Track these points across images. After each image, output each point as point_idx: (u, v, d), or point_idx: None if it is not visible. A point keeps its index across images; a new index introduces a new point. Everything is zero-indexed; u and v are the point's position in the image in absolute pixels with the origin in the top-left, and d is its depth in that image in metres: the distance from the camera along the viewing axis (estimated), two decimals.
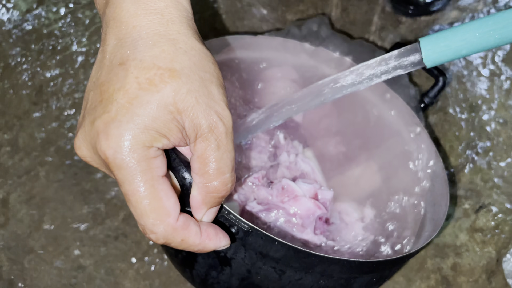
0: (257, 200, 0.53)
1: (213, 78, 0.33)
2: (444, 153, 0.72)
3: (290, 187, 0.53)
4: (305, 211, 0.52)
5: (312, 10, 0.82)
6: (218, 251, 0.44)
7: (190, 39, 0.33)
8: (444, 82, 0.61)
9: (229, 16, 0.82)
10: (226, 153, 0.32)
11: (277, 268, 0.44)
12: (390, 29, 0.80)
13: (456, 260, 0.66)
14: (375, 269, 0.47)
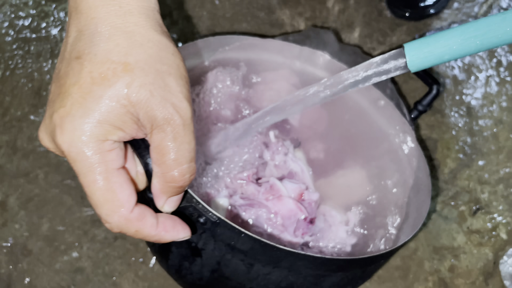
0: (243, 195, 0.53)
1: (171, 70, 0.33)
2: (441, 156, 0.72)
3: (276, 186, 0.53)
4: (287, 212, 0.53)
5: (310, 13, 0.83)
6: (189, 242, 0.44)
7: (148, 31, 0.33)
8: (437, 90, 0.61)
9: (227, 18, 0.82)
10: (184, 144, 0.33)
11: (245, 261, 0.44)
12: (387, 32, 0.81)
13: (453, 262, 0.67)
14: (343, 268, 0.47)
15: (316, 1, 0.84)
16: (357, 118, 0.65)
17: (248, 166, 0.57)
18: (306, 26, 0.81)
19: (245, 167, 0.56)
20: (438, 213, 0.69)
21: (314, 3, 0.84)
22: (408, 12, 0.80)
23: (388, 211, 0.58)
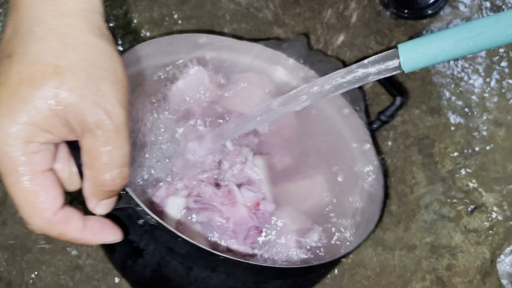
0: (199, 197, 0.54)
1: (106, 74, 0.32)
2: (439, 155, 0.73)
3: (233, 192, 0.54)
4: (239, 219, 0.53)
5: (309, 13, 0.83)
6: (131, 241, 0.45)
7: (85, 33, 0.32)
8: (401, 102, 0.61)
9: (226, 18, 0.82)
10: (116, 149, 0.32)
11: (184, 263, 0.45)
12: (386, 32, 0.81)
13: (451, 261, 0.67)
14: (281, 275, 0.48)
15: (315, 2, 0.84)
16: (321, 126, 0.65)
17: (208, 168, 0.57)
18: (304, 27, 0.82)
19: (206, 169, 0.57)
20: (436, 212, 0.69)
21: (313, 4, 0.84)
22: (406, 13, 0.80)
23: (343, 220, 0.59)
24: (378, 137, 0.73)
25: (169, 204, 0.52)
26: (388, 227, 0.69)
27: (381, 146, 0.73)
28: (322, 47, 0.80)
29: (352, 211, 0.59)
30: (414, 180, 0.71)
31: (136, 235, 0.45)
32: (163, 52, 0.63)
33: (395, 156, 0.73)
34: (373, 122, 0.64)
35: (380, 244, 0.68)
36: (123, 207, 0.40)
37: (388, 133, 0.74)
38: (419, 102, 0.76)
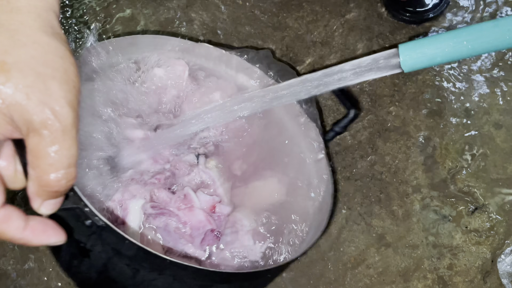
0: (154, 203, 0.54)
1: (56, 74, 0.31)
2: (441, 156, 0.74)
3: (190, 196, 0.54)
4: (196, 223, 0.54)
5: (312, 17, 0.84)
6: (78, 241, 0.45)
7: (36, 31, 0.32)
8: (355, 115, 0.62)
9: (231, 21, 0.84)
10: (62, 150, 0.32)
11: (131, 266, 0.45)
12: (387, 35, 0.82)
13: (452, 261, 0.68)
14: (227, 280, 0.49)
15: (317, 5, 0.85)
16: (278, 132, 0.66)
17: (160, 171, 0.58)
18: (307, 29, 0.83)
19: (158, 172, 0.57)
20: (437, 212, 0.70)
21: (315, 7, 0.85)
22: (408, 16, 0.82)
23: (295, 224, 0.60)
24: (382, 135, 0.75)
25: (130, 210, 0.53)
26: (390, 227, 0.70)
27: (382, 148, 0.74)
28: (325, 49, 0.81)
29: (303, 217, 0.60)
30: (415, 181, 0.72)
31: (83, 235, 0.45)
32: (126, 51, 0.64)
33: (396, 157, 0.74)
34: (327, 132, 0.65)
35: (382, 244, 0.69)
36: (70, 207, 0.40)
37: (389, 135, 0.75)
38: (421, 104, 0.77)
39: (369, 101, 0.77)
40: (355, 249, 0.68)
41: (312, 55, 0.81)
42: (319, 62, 0.80)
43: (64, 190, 0.34)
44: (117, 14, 0.83)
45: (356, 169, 0.73)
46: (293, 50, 0.82)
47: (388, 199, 0.71)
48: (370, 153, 0.74)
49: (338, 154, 0.74)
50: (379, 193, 0.72)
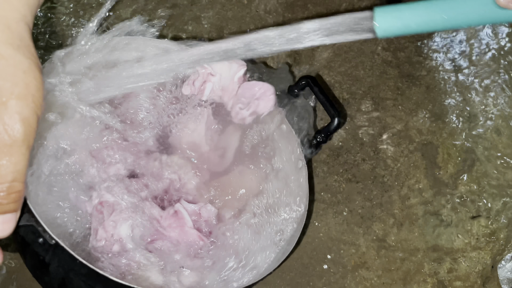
0: (147, 221, 0.54)
1: (15, 88, 0.31)
2: (442, 161, 0.74)
3: (181, 215, 0.54)
4: (189, 242, 0.54)
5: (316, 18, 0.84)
6: (38, 254, 0.46)
7: (0, 44, 0.31)
8: (338, 123, 0.60)
9: (236, 20, 0.83)
10: (8, 164, 0.32)
11: (87, 282, 0.46)
12: (392, 39, 0.82)
13: (452, 265, 0.68)
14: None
15: (322, 7, 0.85)
16: (260, 139, 0.65)
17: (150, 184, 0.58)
18: None
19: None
20: (438, 217, 0.70)
21: (320, 9, 0.85)
22: None
23: (275, 229, 0.60)
24: (385, 138, 0.75)
25: (120, 231, 0.53)
26: (391, 230, 0.69)
27: (384, 151, 0.74)
28: (329, 52, 0.81)
29: (277, 228, 0.60)
30: (417, 185, 0.72)
31: (41, 249, 0.46)
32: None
33: (398, 161, 0.74)
34: (311, 140, 0.63)
35: (382, 247, 0.68)
36: (23, 224, 0.41)
37: (391, 138, 0.75)
38: (423, 108, 0.77)
39: (372, 104, 0.77)
40: (355, 252, 0.68)
41: (316, 58, 0.81)
42: (323, 65, 0.80)
43: (13, 202, 0.33)
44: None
45: (357, 171, 0.73)
46: (297, 51, 0.81)
47: (389, 202, 0.71)
48: (372, 156, 0.74)
49: (340, 156, 0.74)
50: (380, 196, 0.71)
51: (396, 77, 0.80)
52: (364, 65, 0.81)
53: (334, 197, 0.71)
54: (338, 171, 0.73)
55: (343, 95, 0.78)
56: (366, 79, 0.79)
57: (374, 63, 0.81)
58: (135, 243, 0.52)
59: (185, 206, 0.55)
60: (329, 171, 0.73)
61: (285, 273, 0.67)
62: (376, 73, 0.80)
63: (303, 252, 0.68)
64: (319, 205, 0.71)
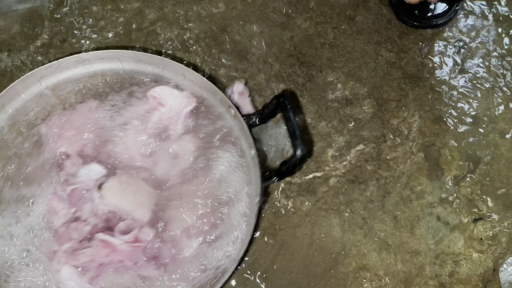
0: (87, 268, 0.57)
1: None
2: (445, 163, 0.73)
3: (107, 240, 0.56)
4: (129, 254, 0.57)
5: (321, 18, 0.84)
6: None
7: None
8: (302, 158, 0.54)
9: (240, 19, 0.83)
10: None
11: None
12: (396, 40, 0.82)
13: (454, 268, 0.67)
14: None
15: (326, 7, 0.85)
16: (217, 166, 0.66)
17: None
18: (315, 30, 0.82)
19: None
20: (440, 219, 0.70)
21: (325, 9, 0.85)
22: (416, 22, 0.81)
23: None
24: (388, 140, 0.74)
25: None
26: (392, 232, 0.69)
27: (387, 152, 0.74)
28: (333, 51, 0.81)
29: (224, 253, 0.61)
30: (419, 187, 0.72)
31: None
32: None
33: (401, 162, 0.73)
34: (272, 172, 0.58)
35: (384, 249, 0.68)
36: None
37: (394, 139, 0.75)
38: (427, 110, 0.77)
39: (375, 105, 0.77)
40: (356, 253, 0.68)
41: (320, 57, 0.80)
42: (326, 64, 0.80)
43: None
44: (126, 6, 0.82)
45: (360, 172, 0.73)
46: (301, 51, 0.81)
47: (391, 204, 0.71)
48: (374, 157, 0.74)
49: (343, 156, 0.74)
50: (382, 198, 0.71)
51: (399, 78, 0.79)
52: (367, 65, 0.80)
53: (336, 198, 0.71)
54: (340, 172, 0.73)
55: (346, 95, 0.78)
56: (370, 80, 0.79)
57: (377, 64, 0.80)
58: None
59: (120, 238, 0.57)
60: (331, 171, 0.73)
61: (286, 273, 0.66)
62: (380, 74, 0.80)
63: (305, 252, 0.67)
64: (322, 206, 0.70)
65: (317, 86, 0.79)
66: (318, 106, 0.77)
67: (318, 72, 0.80)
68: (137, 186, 0.61)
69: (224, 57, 0.80)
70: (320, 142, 0.74)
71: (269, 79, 0.79)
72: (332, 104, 0.77)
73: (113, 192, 0.60)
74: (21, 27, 0.80)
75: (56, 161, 0.63)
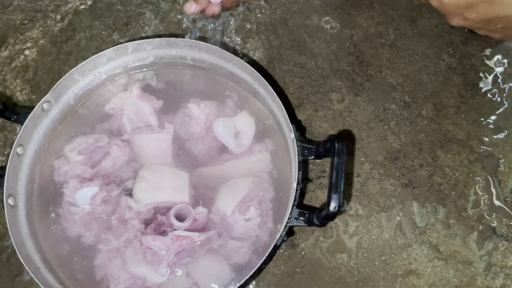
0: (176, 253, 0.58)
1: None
2: (503, 174, 0.72)
3: (183, 234, 0.58)
4: (205, 238, 0.59)
5: (382, 18, 0.83)
6: None
7: None
8: (333, 213, 0.49)
9: (300, 13, 0.83)
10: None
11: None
12: (459, 45, 0.80)
13: (505, 281, 0.66)
14: None
15: (389, 7, 0.84)
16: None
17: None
18: (376, 31, 0.81)
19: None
20: (494, 230, 0.69)
21: (387, 9, 0.84)
22: None
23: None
24: (444, 146, 0.73)
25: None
26: (444, 240, 0.68)
27: (443, 159, 0.73)
28: (393, 52, 0.80)
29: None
30: (475, 196, 0.71)
31: None
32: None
33: (457, 170, 0.72)
34: (309, 216, 0.55)
35: (435, 256, 0.67)
36: None
37: (451, 146, 0.74)
38: (487, 119, 0.75)
39: (433, 110, 0.76)
40: (406, 257, 0.67)
41: (379, 57, 0.80)
42: (386, 65, 0.79)
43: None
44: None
45: (414, 177, 0.72)
46: (360, 49, 0.80)
47: (445, 211, 0.70)
48: (430, 163, 0.73)
49: (397, 159, 0.73)
50: (436, 204, 0.70)
51: (460, 85, 0.78)
52: (428, 69, 0.79)
53: (389, 201, 0.71)
54: (394, 175, 0.72)
55: (404, 98, 0.77)
56: (429, 84, 0.78)
57: (438, 68, 0.79)
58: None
59: (179, 224, 0.58)
60: (386, 174, 0.72)
61: (334, 271, 0.66)
62: (440, 79, 0.78)
63: (354, 252, 0.67)
64: (373, 208, 0.70)
65: (375, 86, 0.78)
66: (375, 106, 0.76)
67: (377, 72, 0.79)
68: (162, 174, 0.61)
69: (282, 51, 0.80)
70: (375, 143, 0.74)
71: (327, 76, 0.78)
72: (389, 105, 0.77)
73: (145, 191, 0.60)
74: None
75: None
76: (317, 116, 0.75)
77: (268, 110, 0.64)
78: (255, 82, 0.63)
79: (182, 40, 0.63)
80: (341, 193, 0.49)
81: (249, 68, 0.61)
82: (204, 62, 0.65)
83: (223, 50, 0.62)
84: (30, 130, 0.59)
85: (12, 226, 0.52)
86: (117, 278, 0.56)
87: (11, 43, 0.82)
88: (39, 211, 0.59)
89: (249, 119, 0.65)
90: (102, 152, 0.60)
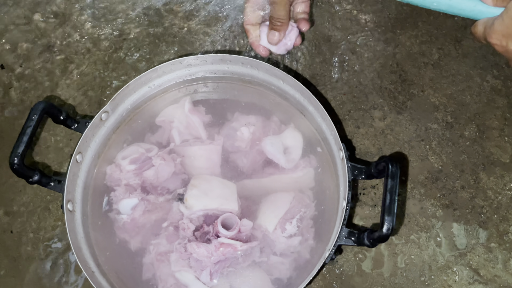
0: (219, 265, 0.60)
1: None
2: None
3: (227, 242, 0.59)
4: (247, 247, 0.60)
5: (426, 37, 0.83)
6: None
7: None
8: (386, 235, 0.49)
9: (343, 29, 0.84)
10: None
11: None
12: (503, 67, 0.80)
13: None
14: None
15: (433, 26, 0.84)
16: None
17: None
18: (420, 49, 0.82)
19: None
20: None
21: (431, 28, 0.84)
22: None
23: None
24: (487, 169, 0.73)
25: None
26: (485, 263, 0.68)
27: (485, 181, 0.72)
28: (436, 72, 0.80)
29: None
30: None
31: None
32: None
33: (500, 193, 0.71)
34: (360, 236, 0.55)
35: (475, 279, 0.67)
36: None
37: (494, 169, 0.73)
38: None
39: (476, 131, 0.75)
40: (446, 279, 0.67)
41: (422, 76, 0.80)
42: (429, 84, 0.79)
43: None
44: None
45: (455, 198, 0.71)
46: (403, 68, 0.81)
47: (486, 234, 0.69)
48: (472, 185, 0.72)
49: (438, 180, 0.73)
50: (477, 227, 0.70)
51: (504, 107, 0.77)
52: (471, 90, 0.79)
53: (429, 221, 0.70)
54: (435, 195, 0.72)
55: (447, 119, 0.77)
56: (473, 105, 0.78)
57: (482, 89, 0.79)
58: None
59: (224, 233, 0.60)
60: (426, 194, 0.72)
61: (374, 285, 0.67)
62: (484, 100, 0.78)
63: (393, 271, 0.67)
64: (413, 227, 0.70)
65: (417, 105, 0.78)
66: (417, 125, 0.76)
67: (419, 92, 0.79)
68: (212, 183, 0.63)
69: (325, 67, 0.81)
70: (416, 162, 0.74)
71: (369, 93, 0.79)
72: (432, 125, 0.76)
73: (196, 198, 0.61)
74: None
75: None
76: (358, 133, 0.76)
77: (314, 127, 0.65)
78: (304, 99, 0.64)
79: (235, 56, 0.64)
80: (394, 216, 0.50)
81: (300, 85, 0.62)
82: (254, 77, 0.67)
83: (275, 67, 0.63)
84: (88, 139, 0.61)
85: (71, 231, 0.54)
86: (164, 280, 0.57)
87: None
88: (92, 216, 0.61)
89: (296, 134, 0.66)
90: (151, 163, 0.62)
